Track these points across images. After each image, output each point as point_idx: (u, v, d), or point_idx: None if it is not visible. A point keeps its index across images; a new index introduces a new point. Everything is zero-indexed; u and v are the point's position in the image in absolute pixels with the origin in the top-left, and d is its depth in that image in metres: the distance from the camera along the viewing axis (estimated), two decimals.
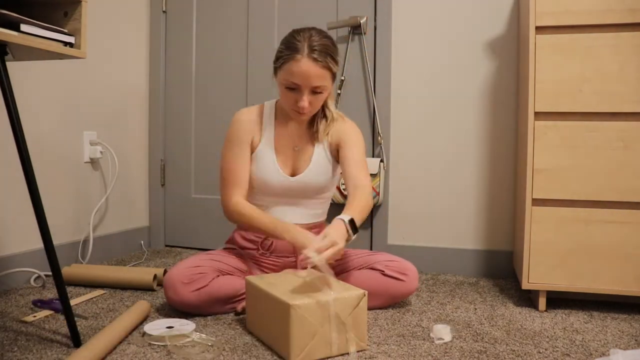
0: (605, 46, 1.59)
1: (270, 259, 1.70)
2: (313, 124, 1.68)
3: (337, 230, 1.39)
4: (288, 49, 1.50)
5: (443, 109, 2.21)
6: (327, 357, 1.26)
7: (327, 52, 1.50)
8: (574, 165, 1.62)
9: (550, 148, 1.63)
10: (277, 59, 1.55)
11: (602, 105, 1.60)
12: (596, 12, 1.58)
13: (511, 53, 2.12)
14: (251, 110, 1.70)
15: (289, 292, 1.28)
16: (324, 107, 1.66)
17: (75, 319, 1.33)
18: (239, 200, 1.61)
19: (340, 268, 1.67)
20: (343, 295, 1.28)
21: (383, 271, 1.62)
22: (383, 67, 2.26)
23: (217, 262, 1.58)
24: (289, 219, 1.67)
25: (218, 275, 1.55)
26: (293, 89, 1.52)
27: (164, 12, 2.58)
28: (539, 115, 1.65)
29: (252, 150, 1.66)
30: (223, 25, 2.51)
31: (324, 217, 1.79)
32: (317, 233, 1.75)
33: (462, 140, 2.19)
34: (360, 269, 1.65)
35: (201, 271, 1.52)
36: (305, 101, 1.52)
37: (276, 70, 1.56)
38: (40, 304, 1.59)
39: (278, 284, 1.35)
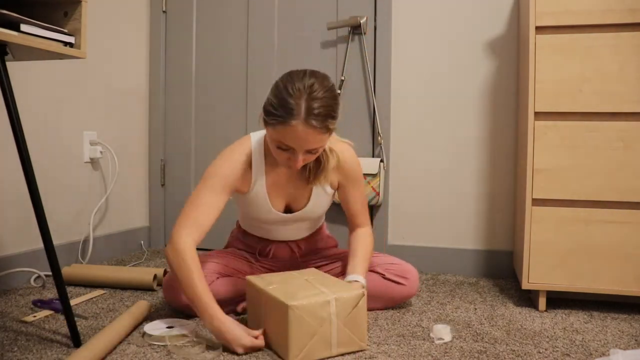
0: (605, 46, 1.59)
1: (270, 261, 1.70)
2: (306, 167, 1.51)
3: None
4: (282, 107, 1.27)
5: (443, 109, 2.21)
6: (327, 358, 1.26)
7: (327, 114, 1.29)
8: (574, 165, 1.62)
9: (550, 148, 1.63)
10: (267, 113, 1.32)
11: (602, 105, 1.60)
12: (596, 12, 1.58)
13: (511, 53, 2.12)
14: (240, 153, 1.48)
15: (289, 292, 1.28)
16: (318, 157, 1.49)
17: (75, 319, 1.33)
18: (189, 244, 1.37)
19: (340, 270, 1.67)
20: (342, 295, 1.28)
21: (383, 274, 1.62)
22: (383, 67, 2.26)
23: (216, 264, 1.58)
24: (287, 235, 1.67)
25: (218, 277, 1.55)
26: (285, 149, 1.34)
27: (164, 12, 2.58)
28: (539, 115, 1.65)
29: (243, 193, 1.53)
30: (223, 25, 2.51)
31: (322, 222, 1.79)
32: (318, 235, 1.76)
33: (462, 140, 2.19)
34: None
35: None
36: (299, 162, 1.34)
37: (266, 123, 1.34)
38: (40, 304, 1.59)
39: (278, 284, 1.35)
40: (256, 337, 1.30)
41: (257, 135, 1.53)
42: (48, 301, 1.60)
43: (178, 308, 1.53)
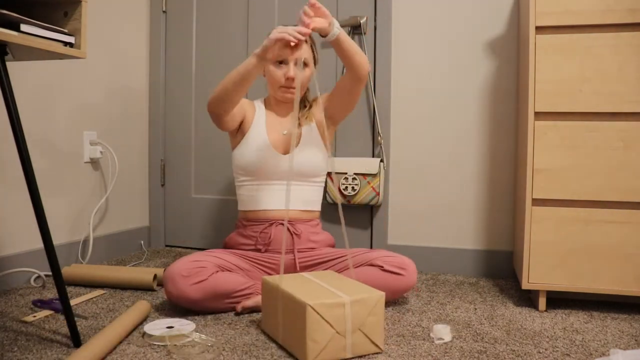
0: (605, 46, 1.59)
1: (268, 258, 1.71)
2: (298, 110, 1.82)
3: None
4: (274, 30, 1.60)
5: (443, 109, 2.21)
6: (342, 359, 1.26)
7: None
8: (574, 165, 1.62)
9: (550, 148, 1.63)
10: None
11: (602, 105, 1.60)
12: (596, 12, 1.58)
13: (511, 53, 2.13)
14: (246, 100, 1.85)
15: (306, 292, 1.27)
16: (304, 98, 1.85)
17: (75, 319, 1.33)
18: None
19: (340, 266, 1.68)
20: (361, 296, 1.27)
21: (382, 267, 1.63)
22: (383, 67, 2.26)
23: (217, 259, 1.60)
24: (285, 203, 1.73)
25: (217, 271, 1.56)
26: (281, 62, 1.72)
27: (164, 12, 2.58)
28: (539, 115, 1.65)
29: (245, 129, 1.78)
30: (223, 25, 2.51)
31: (318, 207, 1.83)
32: (314, 228, 1.77)
33: (462, 140, 2.19)
34: (359, 266, 1.66)
35: (201, 265, 1.53)
36: (292, 71, 1.70)
37: None
38: (40, 304, 1.59)
39: (296, 285, 1.35)
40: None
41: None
42: (48, 301, 1.60)
43: (177, 302, 1.53)
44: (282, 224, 1.72)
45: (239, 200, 1.81)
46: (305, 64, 1.74)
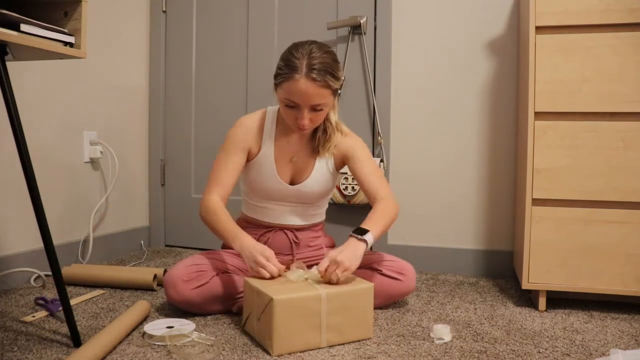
0: (605, 46, 1.59)
1: None
2: (314, 136, 1.67)
3: (348, 249, 1.43)
4: (287, 67, 1.48)
5: (443, 108, 2.21)
6: (311, 349, 1.30)
7: (326, 70, 1.47)
8: (574, 165, 1.62)
9: (550, 148, 1.63)
10: (276, 75, 1.53)
11: (602, 105, 1.60)
12: (596, 12, 1.58)
13: (511, 53, 2.13)
14: (253, 118, 1.68)
15: (279, 289, 1.31)
16: (325, 120, 1.64)
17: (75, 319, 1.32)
18: (213, 197, 1.60)
19: None
20: (335, 289, 1.31)
21: (381, 270, 1.63)
22: (383, 67, 2.26)
23: (216, 261, 1.59)
24: (288, 220, 1.70)
25: (217, 274, 1.56)
26: (292, 106, 1.51)
27: (164, 12, 2.58)
28: (539, 115, 1.65)
29: (251, 158, 1.66)
30: (223, 25, 2.51)
31: (322, 217, 1.81)
32: (316, 233, 1.77)
33: (462, 140, 2.19)
34: (359, 268, 1.66)
35: (201, 269, 1.53)
36: (305, 119, 1.50)
37: (276, 86, 1.54)
38: (42, 302, 1.59)
39: (272, 282, 1.37)
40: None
41: (273, 107, 1.71)
42: (51, 300, 1.59)
43: (179, 306, 1.53)
44: (281, 230, 1.71)
45: (243, 202, 1.79)
46: (321, 109, 1.53)
